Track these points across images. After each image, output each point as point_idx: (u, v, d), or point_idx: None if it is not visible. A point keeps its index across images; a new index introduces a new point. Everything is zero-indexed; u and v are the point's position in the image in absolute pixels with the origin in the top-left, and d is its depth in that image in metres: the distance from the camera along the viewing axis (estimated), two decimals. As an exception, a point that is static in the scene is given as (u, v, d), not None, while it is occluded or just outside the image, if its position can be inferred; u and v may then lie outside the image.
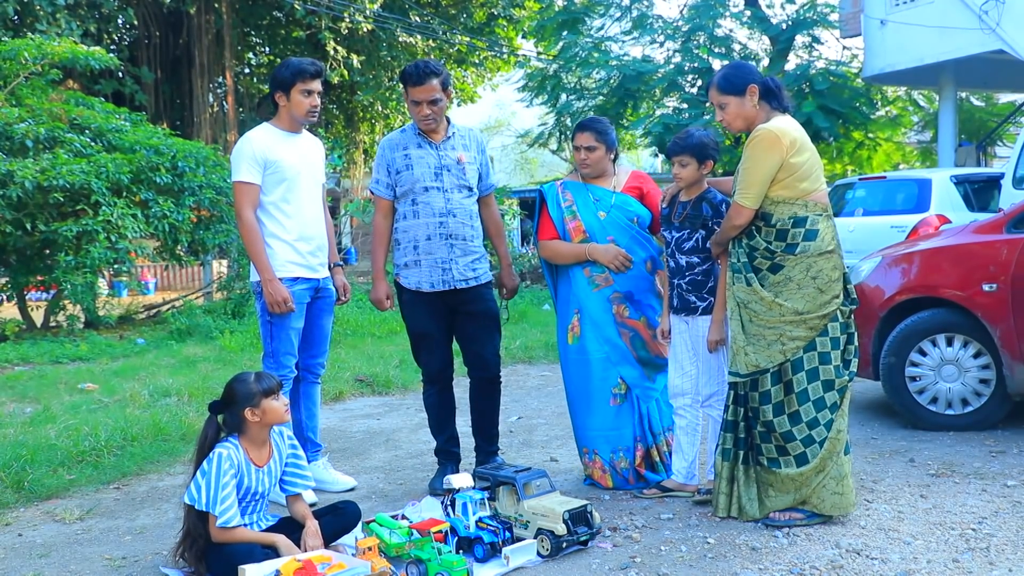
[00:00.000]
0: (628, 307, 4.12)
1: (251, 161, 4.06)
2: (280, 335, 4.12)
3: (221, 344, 8.96)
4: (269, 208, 4.11)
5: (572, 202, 4.20)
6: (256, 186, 4.08)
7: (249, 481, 3.29)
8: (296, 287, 4.12)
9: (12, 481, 4.36)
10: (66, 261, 9.59)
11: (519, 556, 3.21)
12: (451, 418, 4.42)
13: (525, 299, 13.10)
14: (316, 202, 4.27)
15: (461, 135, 4.25)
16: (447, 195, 4.12)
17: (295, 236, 4.13)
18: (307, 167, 4.22)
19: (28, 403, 6.52)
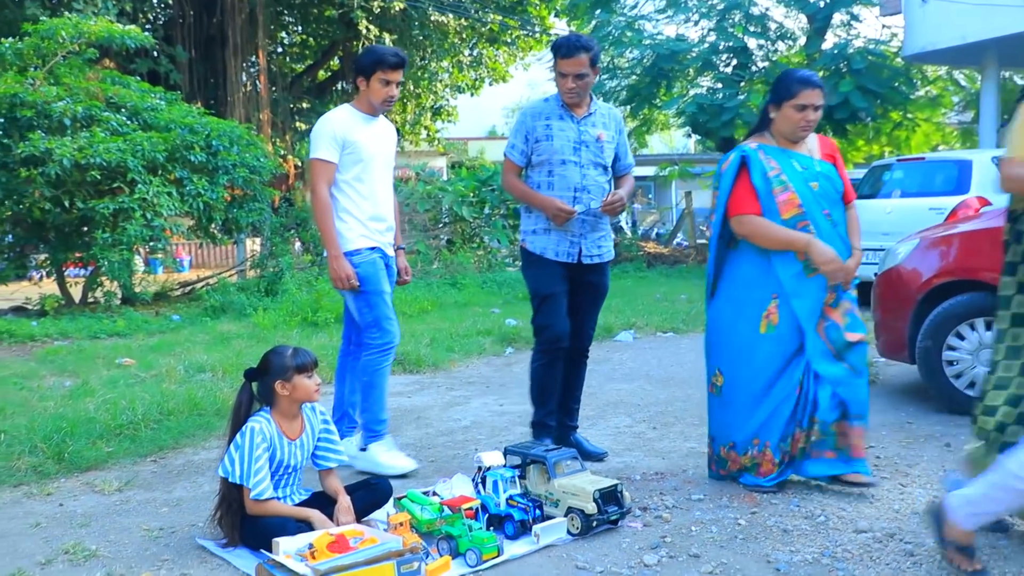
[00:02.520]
0: (836, 295, 3.74)
1: (330, 140, 4.15)
2: (376, 302, 4.21)
3: (254, 321, 9.05)
4: (344, 187, 4.21)
5: (779, 170, 3.71)
6: (333, 164, 4.17)
7: (282, 454, 3.33)
8: (375, 254, 4.25)
9: (53, 452, 4.46)
10: (103, 238, 9.73)
11: (549, 534, 3.23)
12: (557, 391, 4.30)
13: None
14: (387, 184, 4.37)
15: (602, 113, 4.25)
16: (583, 170, 4.13)
17: (367, 215, 4.23)
18: (381, 150, 4.31)
19: (67, 377, 6.64)
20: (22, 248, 11.34)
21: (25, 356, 7.74)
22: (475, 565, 3.01)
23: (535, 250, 4.21)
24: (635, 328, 8.95)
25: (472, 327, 8.73)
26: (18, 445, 4.55)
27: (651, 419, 5.23)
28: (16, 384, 6.24)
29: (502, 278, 13.10)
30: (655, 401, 5.73)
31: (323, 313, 9.04)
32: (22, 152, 9.49)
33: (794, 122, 3.72)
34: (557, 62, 4.09)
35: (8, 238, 11.23)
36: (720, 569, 2.94)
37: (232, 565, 3.09)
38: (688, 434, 4.82)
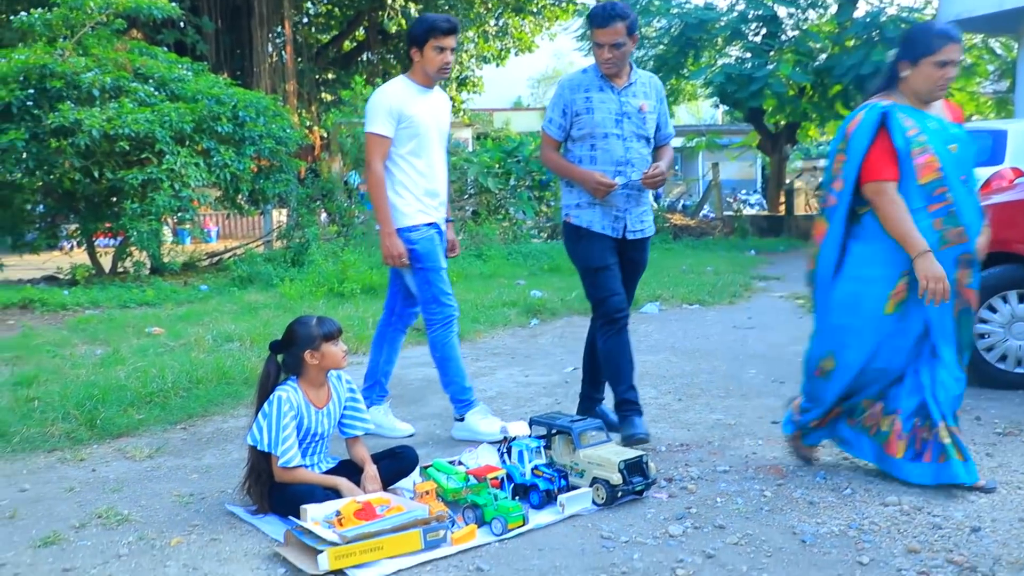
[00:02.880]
0: (971, 272, 3.39)
1: (386, 114, 4.12)
2: (434, 278, 4.22)
3: (281, 292, 9.11)
4: (399, 161, 4.18)
5: (917, 130, 3.35)
6: (388, 139, 4.14)
7: (309, 422, 3.36)
8: (432, 230, 4.24)
9: (85, 419, 4.53)
10: (132, 209, 9.81)
11: (574, 504, 3.24)
12: (632, 362, 4.12)
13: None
14: (442, 158, 4.33)
15: (643, 82, 4.12)
16: (626, 143, 4.03)
17: (423, 190, 4.21)
18: (437, 123, 4.27)
19: (99, 345, 6.73)
20: (53, 218, 11.49)
21: (57, 324, 7.85)
22: (500, 534, 3.03)
23: (581, 223, 4.10)
24: (661, 300, 8.92)
25: (497, 298, 8.74)
26: (52, 412, 4.63)
27: (676, 391, 5.22)
28: (49, 352, 6.33)
29: (527, 250, 13.08)
30: (681, 373, 5.72)
31: (349, 284, 9.08)
32: (52, 123, 9.57)
33: (933, 80, 3.35)
34: (592, 32, 3.99)
35: (40, 208, 11.37)
36: (745, 540, 2.94)
37: (261, 531, 3.14)
38: (714, 406, 4.81)
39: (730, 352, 6.35)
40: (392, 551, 2.83)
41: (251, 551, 2.97)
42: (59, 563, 2.89)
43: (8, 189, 10.55)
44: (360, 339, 6.72)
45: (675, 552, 2.87)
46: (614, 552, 2.88)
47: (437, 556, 2.87)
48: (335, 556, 2.73)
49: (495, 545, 2.98)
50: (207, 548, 3.00)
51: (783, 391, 5.08)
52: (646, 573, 2.71)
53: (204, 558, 2.91)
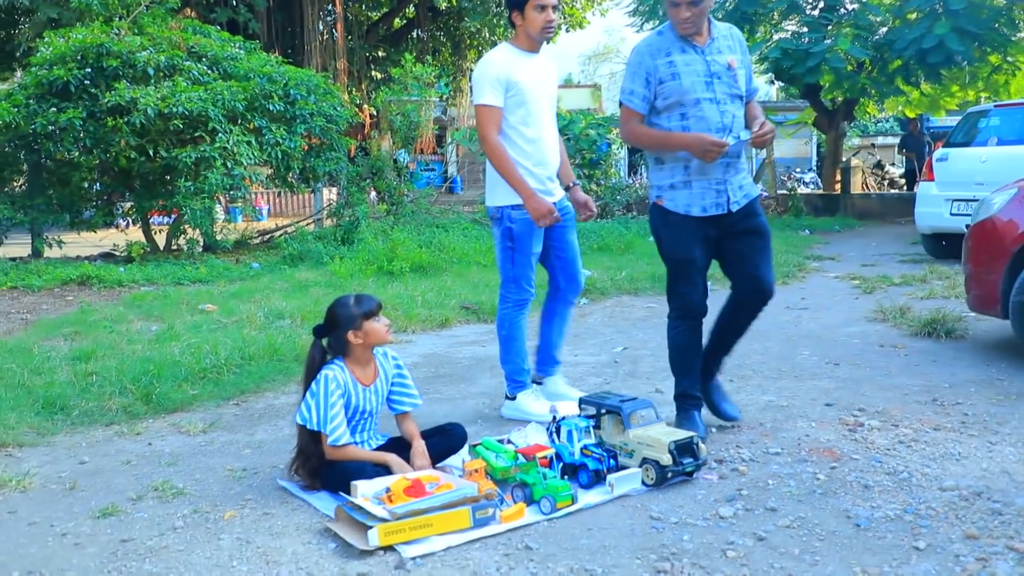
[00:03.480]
0: None
1: (493, 83, 4.00)
2: (521, 260, 4.16)
3: (331, 269, 9.21)
4: (508, 132, 4.06)
5: None
6: (499, 109, 4.02)
7: (357, 400, 3.40)
8: None
9: (141, 394, 4.64)
10: (185, 187, 9.98)
11: (624, 484, 3.24)
12: (700, 358, 3.93)
13: (631, 230, 12.95)
14: (552, 124, 4.20)
15: (724, 35, 3.76)
16: (721, 106, 3.65)
17: (535, 162, 4.10)
18: (544, 88, 4.13)
19: (154, 321, 6.87)
20: (109, 196, 11.74)
21: (114, 301, 8.04)
22: (549, 512, 3.04)
23: (677, 208, 3.71)
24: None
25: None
26: (109, 386, 4.75)
27: (728, 371, 5.14)
28: (106, 327, 6.49)
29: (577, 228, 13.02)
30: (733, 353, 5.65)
31: (398, 262, 9.14)
32: (108, 101, 9.76)
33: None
34: None
35: (96, 186, 11.63)
36: (798, 523, 2.91)
37: (312, 506, 3.18)
38: (765, 387, 4.76)
39: (782, 333, 6.27)
40: (441, 528, 2.85)
41: (303, 526, 3.01)
42: (117, 534, 2.97)
43: (66, 167, 10.81)
44: (409, 318, 6.78)
45: (725, 534, 2.85)
46: (663, 533, 2.87)
47: (486, 534, 2.88)
48: (385, 532, 2.76)
49: (544, 524, 2.98)
50: (260, 522, 3.05)
51: (838, 373, 5.01)
52: (696, 554, 2.70)
53: (257, 532, 2.96)
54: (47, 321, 6.93)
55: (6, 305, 7.96)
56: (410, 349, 6.05)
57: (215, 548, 2.83)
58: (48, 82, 10.06)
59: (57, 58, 10.25)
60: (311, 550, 2.81)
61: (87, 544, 2.90)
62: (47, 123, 9.79)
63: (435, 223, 12.65)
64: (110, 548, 2.85)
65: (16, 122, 9.85)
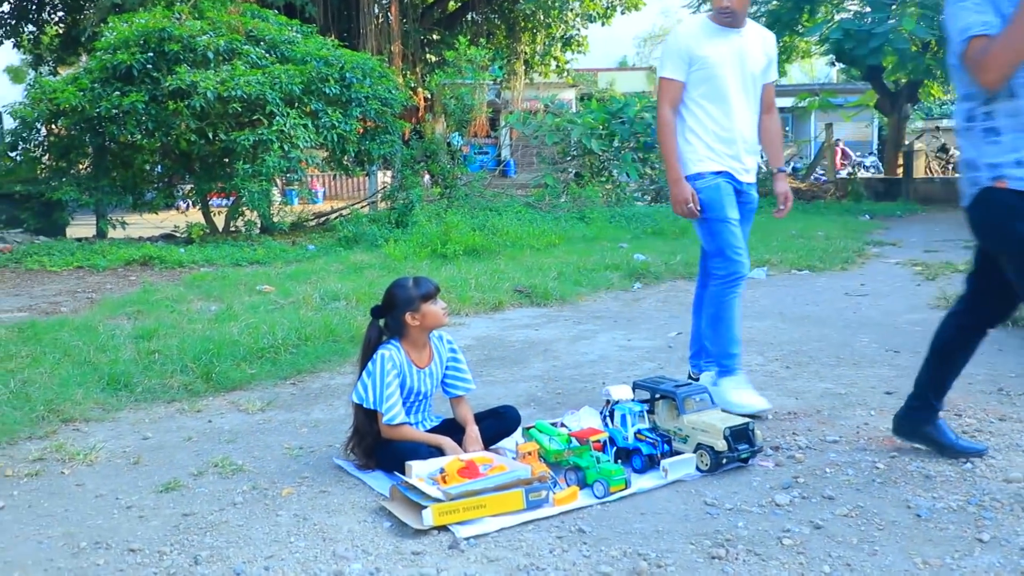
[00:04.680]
0: None
1: (676, 56, 3.97)
2: (720, 228, 3.96)
3: (386, 252, 9.28)
4: (691, 106, 4.00)
5: None
6: (678, 83, 3.98)
7: (411, 382, 3.43)
8: (720, 179, 3.98)
9: (202, 372, 4.74)
10: (244, 169, 10.13)
11: (678, 469, 3.22)
12: None
13: (686, 214, 12.83)
14: (748, 102, 4.05)
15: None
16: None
17: (714, 136, 3.98)
18: (738, 65, 3.99)
19: (213, 302, 7.00)
20: (170, 178, 11.98)
21: (175, 281, 8.21)
22: (602, 496, 3.03)
23: None
24: (768, 265, 8.72)
25: (600, 261, 8.69)
26: (170, 364, 4.86)
27: (784, 358, 5.11)
28: (168, 307, 6.63)
29: (631, 213, 12.94)
30: (788, 340, 5.59)
31: (452, 245, 9.18)
32: (170, 85, 9.93)
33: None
34: None
35: (158, 168, 11.87)
36: (856, 512, 2.87)
37: (367, 485, 3.22)
38: (823, 374, 4.69)
39: (841, 319, 6.16)
40: (495, 509, 2.87)
41: (358, 504, 3.05)
42: (179, 508, 3.04)
43: (129, 150, 11.04)
44: (462, 300, 6.80)
45: (781, 521, 2.82)
46: (718, 519, 2.85)
47: (539, 516, 2.89)
48: (439, 512, 2.79)
49: (597, 507, 2.99)
50: (316, 499, 3.10)
51: (898, 361, 4.91)
52: (751, 541, 2.68)
53: (314, 509, 3.01)
54: (111, 300, 7.10)
55: (72, 284, 8.19)
56: (463, 332, 6.08)
57: (273, 524, 2.89)
58: (112, 66, 10.28)
59: (120, 43, 10.46)
60: (366, 528, 2.85)
61: (151, 517, 2.98)
62: (111, 106, 10.01)
63: (488, 206, 12.67)
64: (172, 521, 2.93)
65: (82, 106, 10.09)
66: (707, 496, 3.04)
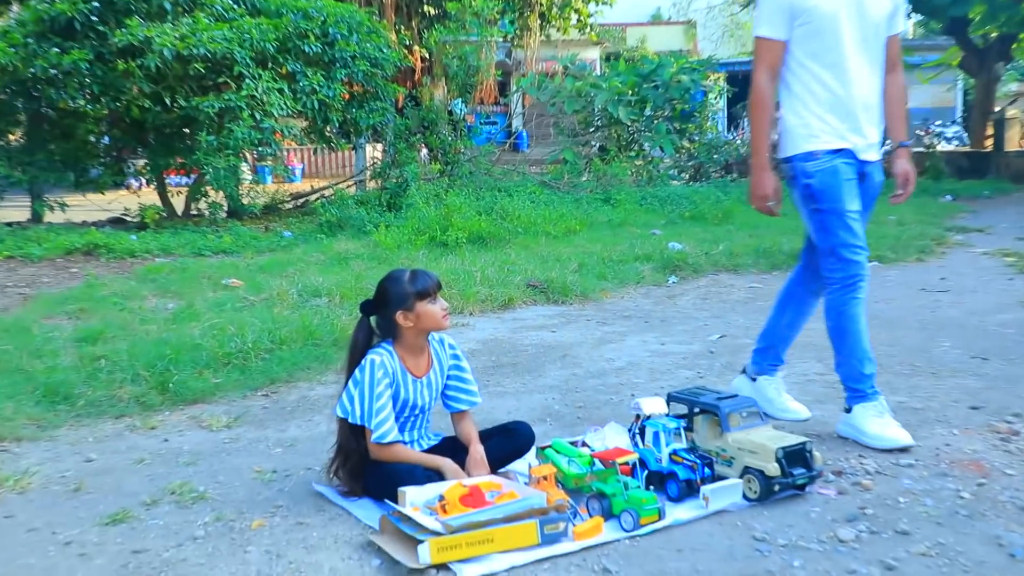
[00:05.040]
0: None
1: (774, 10, 3.82)
2: (834, 224, 3.81)
3: (375, 240, 9.30)
4: (797, 70, 3.84)
5: None
6: (778, 42, 3.83)
7: (406, 393, 3.42)
8: (837, 160, 3.80)
9: (156, 382, 4.75)
10: (207, 141, 10.15)
11: (721, 498, 3.20)
12: None
13: (731, 195, 12.81)
14: (869, 61, 3.86)
15: None
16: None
17: (828, 107, 3.81)
18: (856, 13, 3.80)
19: (170, 298, 7.03)
20: (120, 152, 12.01)
21: (125, 273, 8.24)
22: (631, 529, 3.02)
23: None
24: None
25: (628, 251, 8.68)
26: (120, 372, 4.88)
27: (849, 366, 5.08)
28: (116, 304, 6.65)
29: (665, 193, 12.93)
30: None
31: (453, 232, 9.19)
32: (119, 41, 9.95)
33: None
34: None
35: (105, 140, 11.89)
36: (936, 550, 2.85)
37: (353, 516, 3.22)
38: (896, 385, 4.67)
39: (917, 320, 6.14)
40: (504, 544, 2.86)
41: (342, 538, 3.05)
42: (129, 543, 3.04)
43: (71, 118, 11.09)
44: (466, 297, 6.81)
45: (845, 560, 2.80)
46: (769, 557, 2.84)
47: (556, 552, 2.88)
48: (438, 548, 2.78)
49: (625, 542, 2.97)
50: (292, 533, 3.10)
51: (985, 370, 4.89)
52: (809, 585, 2.66)
53: (289, 544, 3.01)
54: (48, 296, 7.14)
55: (1, 277, 8.23)
56: (467, 334, 6.08)
57: (240, 562, 2.89)
58: (50, 18, 10.29)
59: (60, -10, 10.48)
60: (352, 567, 2.84)
61: (94, 555, 2.97)
62: (48, 66, 10.03)
63: (497, 186, 12.68)
64: (120, 560, 2.93)
65: (13, 65, 10.10)
66: (756, 529, 3.03)
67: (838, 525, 3.05)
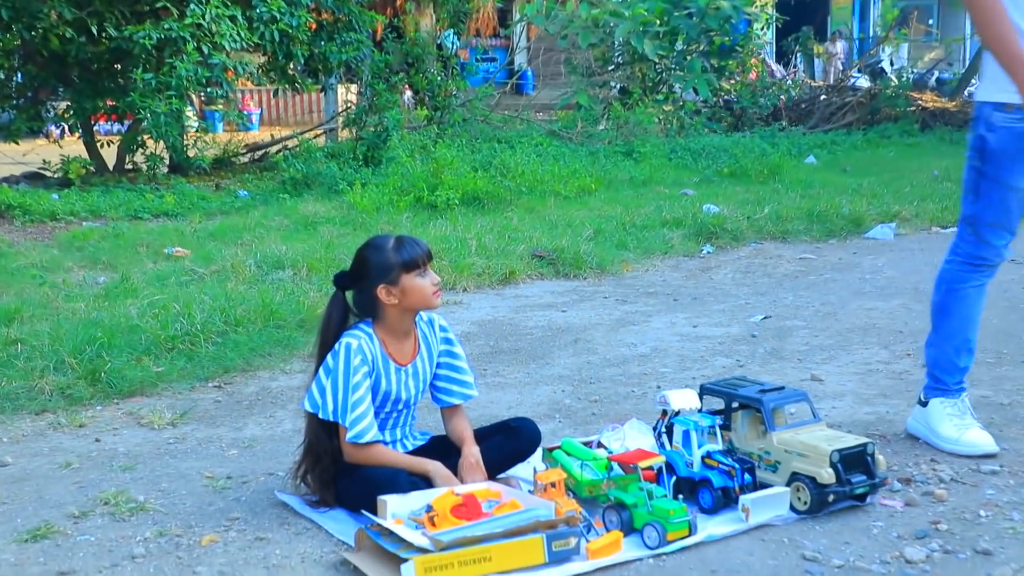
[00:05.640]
0: None
1: None
2: (990, 193, 3.73)
3: (349, 200, 9.28)
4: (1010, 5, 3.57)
5: None
6: None
7: (388, 384, 3.44)
8: None
9: (85, 371, 4.76)
10: (144, 80, 10.09)
11: (763, 509, 3.22)
12: None
13: (779, 147, 12.79)
14: None
15: None
16: None
17: None
18: None
19: (101, 270, 7.04)
20: (36, 92, 11.92)
21: (45, 240, 8.25)
22: (656, 546, 3.05)
23: None
24: (898, 220, 8.69)
25: (654, 215, 8.68)
26: (40, 359, 4.87)
27: (920, 353, 5.05)
28: (34, 277, 6.62)
29: (699, 145, 12.89)
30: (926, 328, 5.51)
31: (444, 191, 9.17)
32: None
33: None
34: None
35: (17, 78, 11.79)
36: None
37: (324, 530, 3.24)
38: (977, 377, 4.68)
39: (1005, 299, 6.14)
40: (504, 564, 2.88)
41: (309, 556, 3.07)
42: (53, 563, 3.06)
43: (-26, 51, 11.01)
44: (459, 270, 6.81)
45: (913, 585, 2.83)
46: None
47: (566, 574, 2.90)
48: (425, 568, 2.81)
49: (648, 562, 3.00)
50: (250, 550, 3.12)
51: (1084, 358, 4.91)
52: (869, 612, 2.69)
53: (246, 563, 3.03)
54: (-45, 268, 7.14)
55: (-100, 245, 8.23)
56: (461, 314, 6.10)
57: (189, 584, 2.92)
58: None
59: None
60: (321, 590, 2.87)
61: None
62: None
63: (496, 136, 12.65)
64: (45, 580, 2.95)
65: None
66: (806, 548, 3.06)
67: (905, 543, 3.07)
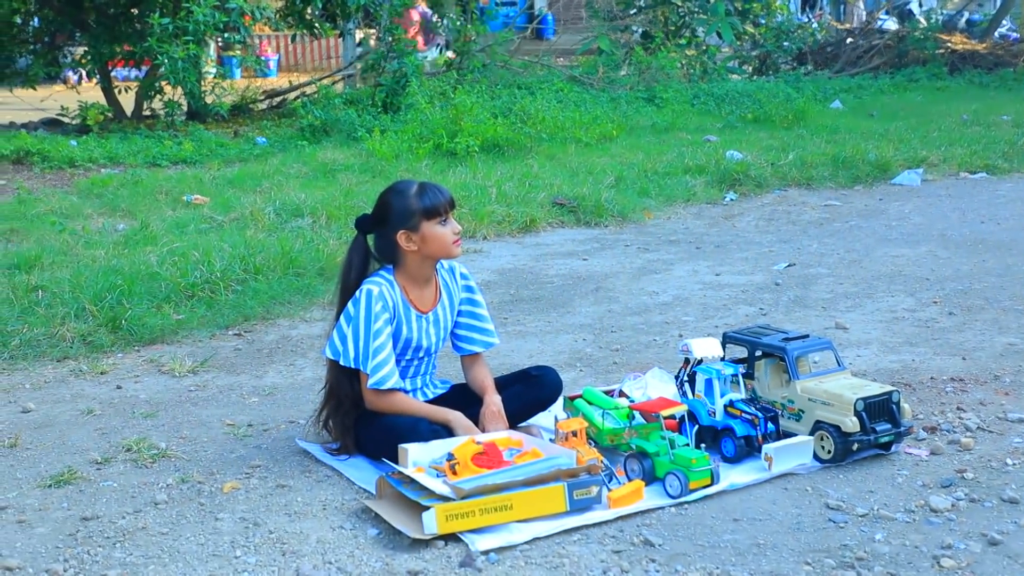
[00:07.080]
0: None
1: None
2: None
3: (368, 147, 9.25)
4: None
5: None
6: None
7: (409, 331, 3.43)
8: None
9: (106, 318, 4.77)
10: (161, 25, 10.05)
11: (787, 458, 3.22)
12: None
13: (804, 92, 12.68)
14: None
15: None
16: None
17: None
18: None
19: (120, 217, 7.05)
20: (53, 37, 11.88)
21: (64, 187, 8.25)
22: (678, 495, 3.05)
23: None
24: (925, 166, 8.62)
25: (677, 162, 8.63)
26: (61, 306, 4.88)
27: (946, 300, 5.08)
28: (54, 224, 6.65)
29: (722, 91, 12.80)
30: (954, 275, 5.55)
31: (464, 138, 9.12)
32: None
33: None
34: None
35: (34, 23, 11.75)
36: (1049, 522, 2.88)
37: (345, 477, 3.25)
38: (1005, 324, 4.66)
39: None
40: (525, 512, 2.89)
41: (331, 503, 3.09)
42: (76, 509, 3.08)
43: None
44: (479, 218, 6.80)
45: (939, 534, 2.82)
46: (846, 529, 2.87)
47: (588, 522, 2.91)
48: (446, 515, 2.81)
49: (670, 510, 3.00)
50: (271, 498, 3.13)
51: (1113, 306, 4.88)
52: (894, 562, 2.69)
53: (267, 510, 3.05)
54: (-26, 216, 7.16)
55: (-82, 193, 8.25)
56: (481, 262, 6.08)
57: (211, 531, 2.93)
58: None
59: None
60: (343, 538, 2.88)
61: (35, 522, 3.01)
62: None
63: (516, 82, 12.57)
64: (67, 528, 2.97)
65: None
66: (830, 496, 3.05)
67: (930, 492, 3.07)
